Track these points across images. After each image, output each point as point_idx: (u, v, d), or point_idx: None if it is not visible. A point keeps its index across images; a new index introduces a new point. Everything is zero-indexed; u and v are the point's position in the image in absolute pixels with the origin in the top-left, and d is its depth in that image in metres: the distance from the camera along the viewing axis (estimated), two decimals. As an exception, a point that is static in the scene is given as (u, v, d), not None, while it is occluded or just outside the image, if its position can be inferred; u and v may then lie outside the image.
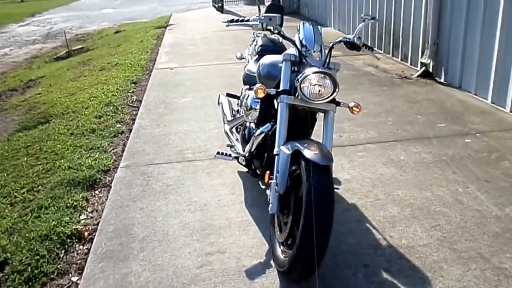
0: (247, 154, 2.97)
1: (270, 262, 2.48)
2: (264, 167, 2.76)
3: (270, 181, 2.39)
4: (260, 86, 2.45)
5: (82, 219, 3.09)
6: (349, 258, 2.49)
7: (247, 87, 3.20)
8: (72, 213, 3.12)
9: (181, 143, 4.15)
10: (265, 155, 2.77)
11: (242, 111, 3.11)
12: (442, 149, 3.78)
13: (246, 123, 3.14)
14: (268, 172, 2.50)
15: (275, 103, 2.64)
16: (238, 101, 3.49)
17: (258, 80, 2.89)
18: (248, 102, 2.93)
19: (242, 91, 3.33)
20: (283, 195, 2.36)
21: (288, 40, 2.59)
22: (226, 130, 3.55)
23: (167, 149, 4.05)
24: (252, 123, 3.01)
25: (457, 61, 5.31)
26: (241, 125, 3.31)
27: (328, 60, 2.48)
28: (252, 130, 2.98)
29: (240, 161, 3.11)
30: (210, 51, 8.17)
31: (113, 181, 3.54)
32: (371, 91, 5.44)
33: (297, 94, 2.40)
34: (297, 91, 2.37)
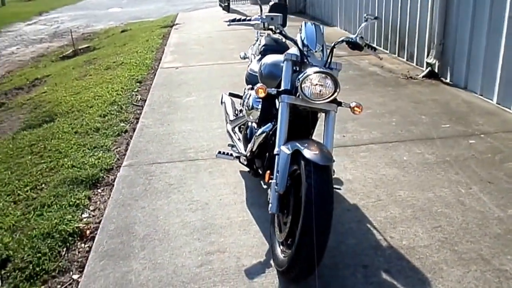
0: (249, 153, 2.96)
1: (270, 261, 2.48)
2: (265, 166, 2.76)
3: (270, 180, 2.39)
4: (261, 86, 2.45)
5: (84, 218, 3.11)
6: (349, 258, 2.49)
7: (250, 86, 3.20)
8: (74, 212, 3.14)
9: (184, 142, 4.16)
10: (267, 154, 2.76)
11: (244, 110, 3.11)
12: (446, 150, 3.76)
13: (248, 123, 3.14)
14: (268, 172, 2.50)
15: (276, 103, 2.63)
16: (241, 100, 3.49)
17: (260, 79, 2.89)
18: (250, 102, 2.93)
19: (245, 90, 3.34)
20: (283, 195, 2.35)
21: (289, 40, 2.59)
22: (229, 130, 3.55)
23: (170, 148, 4.06)
24: (254, 123, 3.01)
25: (463, 61, 5.28)
26: (244, 124, 3.31)
27: (329, 60, 2.48)
28: (254, 130, 2.97)
29: (242, 161, 3.11)
30: (215, 50, 8.18)
31: (115, 180, 3.55)
32: (375, 91, 5.42)
33: (298, 94, 2.39)
34: (298, 91, 2.37)
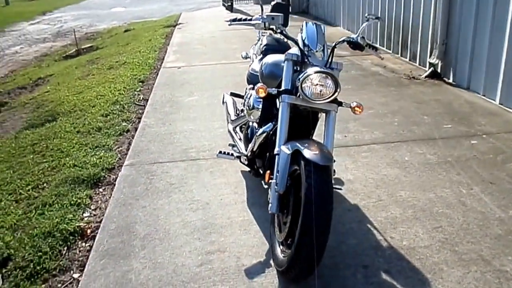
0: (249, 153, 2.96)
1: (270, 261, 2.48)
2: (266, 166, 2.76)
3: (270, 180, 2.39)
4: (261, 86, 2.45)
5: (85, 217, 3.11)
6: (349, 258, 2.49)
7: (251, 86, 3.19)
8: (75, 211, 3.15)
9: (186, 142, 4.16)
10: (267, 154, 2.76)
11: (245, 110, 3.10)
12: (448, 150, 3.75)
13: (249, 123, 3.13)
14: (269, 172, 2.50)
15: (277, 103, 2.63)
16: (243, 100, 3.49)
17: (261, 79, 2.89)
18: (251, 102, 2.93)
19: (246, 90, 3.33)
20: (283, 194, 2.35)
21: (290, 40, 2.58)
22: (230, 129, 3.55)
23: (171, 148, 4.06)
24: (254, 123, 3.01)
25: (465, 61, 5.26)
26: (245, 124, 3.31)
27: (330, 59, 2.47)
28: (255, 130, 2.97)
29: (242, 161, 3.11)
30: (218, 50, 8.18)
31: (117, 179, 3.56)
32: (378, 91, 5.41)
33: (298, 93, 2.39)
34: (298, 91, 2.37)
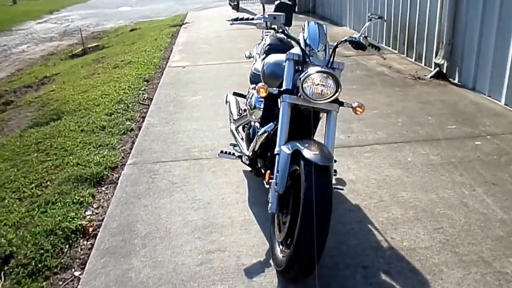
0: (251, 153, 2.96)
1: (270, 261, 2.48)
2: (266, 166, 2.76)
3: (270, 180, 2.39)
4: (262, 85, 2.45)
5: (88, 215, 3.13)
6: (349, 259, 2.48)
7: (254, 86, 3.19)
8: (78, 209, 3.17)
9: (189, 141, 4.17)
10: (268, 154, 2.76)
11: (247, 110, 3.10)
12: (451, 151, 3.73)
13: (252, 122, 3.13)
14: (269, 171, 2.50)
15: (278, 103, 2.63)
16: (245, 100, 3.49)
17: (262, 79, 2.89)
18: (253, 101, 2.93)
19: (249, 90, 3.33)
20: (283, 194, 2.35)
21: (292, 39, 2.58)
22: (232, 129, 3.55)
23: (174, 147, 4.07)
24: (256, 122, 3.01)
25: (471, 62, 5.23)
26: (247, 124, 3.31)
27: (332, 59, 2.47)
28: (257, 129, 2.97)
29: (244, 160, 3.11)
30: (223, 49, 8.19)
31: (119, 178, 3.57)
32: (382, 91, 5.39)
33: (299, 93, 2.38)
34: (299, 91, 2.36)
